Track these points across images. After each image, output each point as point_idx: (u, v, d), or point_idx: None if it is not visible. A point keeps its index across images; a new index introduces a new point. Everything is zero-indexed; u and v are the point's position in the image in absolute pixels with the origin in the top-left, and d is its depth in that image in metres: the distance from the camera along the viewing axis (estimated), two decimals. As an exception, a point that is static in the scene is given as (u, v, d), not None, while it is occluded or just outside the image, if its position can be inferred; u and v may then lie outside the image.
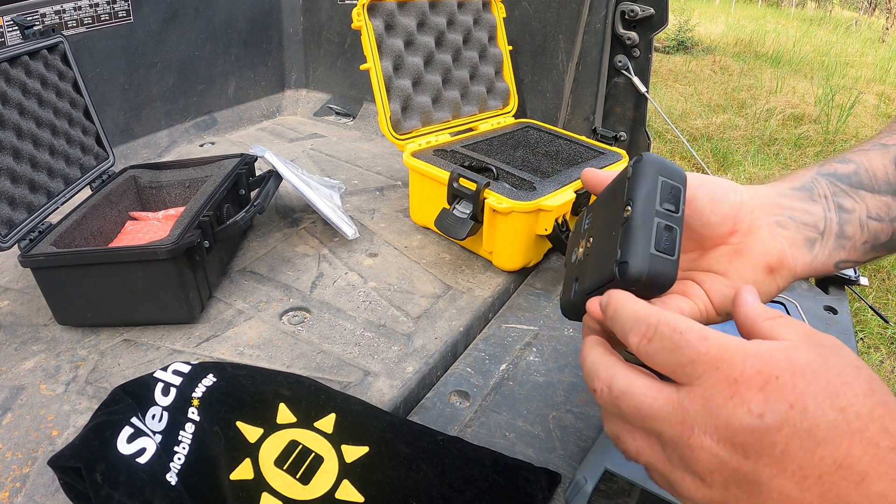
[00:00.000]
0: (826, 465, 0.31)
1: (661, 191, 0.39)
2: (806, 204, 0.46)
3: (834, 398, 0.31)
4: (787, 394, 0.32)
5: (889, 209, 0.46)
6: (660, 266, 0.37)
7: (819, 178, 0.47)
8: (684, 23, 6.67)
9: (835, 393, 0.32)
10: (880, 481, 0.30)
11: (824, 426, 0.31)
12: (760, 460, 0.32)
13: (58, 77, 0.79)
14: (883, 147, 0.48)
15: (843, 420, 0.31)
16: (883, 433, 0.31)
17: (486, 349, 0.70)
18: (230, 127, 1.40)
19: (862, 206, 0.46)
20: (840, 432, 0.31)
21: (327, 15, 1.46)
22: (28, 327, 0.70)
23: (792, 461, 0.31)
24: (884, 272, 2.52)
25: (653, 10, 1.07)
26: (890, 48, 7.29)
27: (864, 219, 0.46)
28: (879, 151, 0.48)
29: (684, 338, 0.34)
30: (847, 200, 0.46)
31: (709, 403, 0.33)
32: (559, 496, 0.52)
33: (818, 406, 0.31)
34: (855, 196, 0.46)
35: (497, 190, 0.80)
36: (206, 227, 0.71)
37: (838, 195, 0.46)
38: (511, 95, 1.12)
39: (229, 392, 0.53)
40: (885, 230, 0.47)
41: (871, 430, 0.31)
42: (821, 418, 0.31)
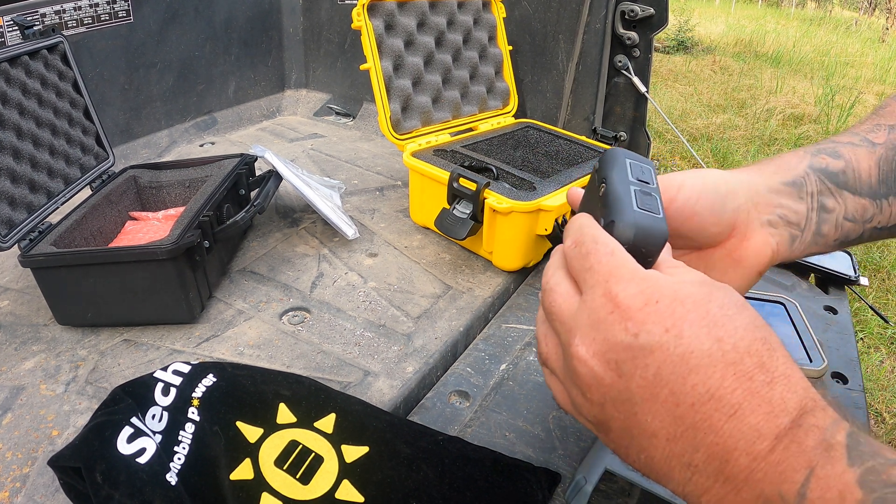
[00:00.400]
0: (698, 393, 0.31)
1: (630, 168, 0.40)
2: (793, 201, 0.47)
3: (711, 328, 0.31)
4: (665, 317, 0.32)
5: (865, 211, 0.48)
6: (647, 220, 0.37)
7: (810, 172, 0.48)
8: (684, 23, 6.67)
9: (713, 323, 0.31)
10: (754, 414, 0.30)
11: (698, 353, 0.31)
12: (633, 380, 0.32)
13: (58, 77, 0.79)
14: (871, 145, 0.49)
15: (718, 349, 0.31)
16: (759, 368, 0.30)
17: (486, 349, 0.70)
18: (230, 127, 1.40)
19: (841, 208, 0.48)
20: (713, 361, 0.31)
21: (327, 15, 1.46)
22: (28, 327, 0.70)
23: (664, 385, 0.31)
24: (884, 272, 2.52)
25: (653, 10, 1.07)
26: (890, 48, 7.29)
27: (841, 220, 0.48)
28: (867, 150, 0.49)
29: (595, 247, 0.35)
30: (830, 200, 0.47)
31: (592, 315, 0.34)
32: (559, 496, 0.52)
33: (694, 333, 0.31)
34: (838, 197, 0.48)
35: (497, 190, 0.80)
36: (206, 227, 0.71)
37: (823, 194, 0.47)
38: (511, 95, 1.12)
39: (229, 392, 0.53)
40: (857, 230, 0.49)
41: (746, 363, 0.31)
42: (695, 345, 0.31)
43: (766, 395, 0.30)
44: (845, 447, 0.28)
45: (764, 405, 0.30)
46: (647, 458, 0.33)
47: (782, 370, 0.31)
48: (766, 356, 0.31)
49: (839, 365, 0.70)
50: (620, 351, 0.32)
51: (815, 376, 0.63)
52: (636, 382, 0.32)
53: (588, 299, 0.34)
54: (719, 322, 0.31)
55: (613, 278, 0.34)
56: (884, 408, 1.83)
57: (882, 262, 2.59)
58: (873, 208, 0.48)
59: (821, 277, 0.90)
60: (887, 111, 0.52)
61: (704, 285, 0.34)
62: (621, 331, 0.32)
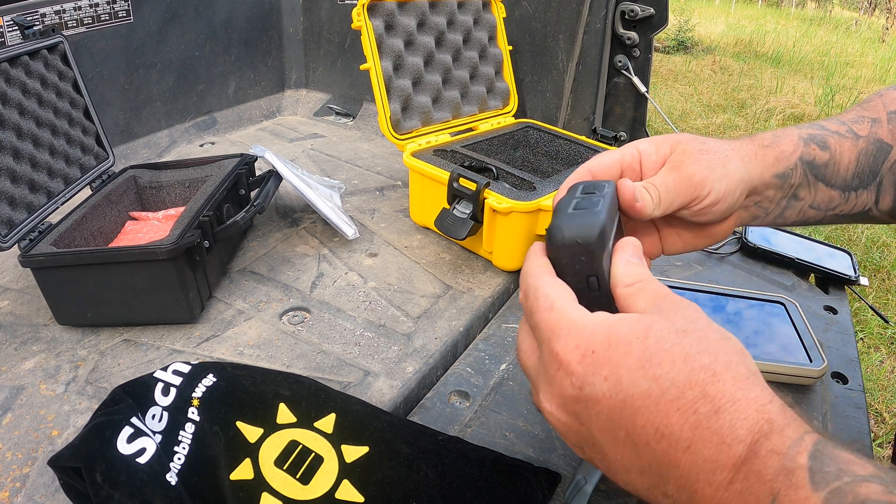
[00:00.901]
0: (649, 433, 0.31)
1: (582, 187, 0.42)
2: (774, 192, 0.50)
3: (647, 368, 0.32)
4: (602, 366, 0.33)
5: (831, 201, 0.51)
6: (577, 218, 0.38)
7: (798, 164, 0.50)
8: (684, 23, 6.67)
9: (649, 362, 0.32)
10: (706, 447, 0.30)
11: (638, 396, 0.32)
12: (593, 426, 0.34)
13: (58, 77, 0.79)
14: (855, 137, 0.51)
15: (656, 388, 0.31)
16: (702, 398, 0.31)
17: (486, 349, 0.70)
18: (230, 127, 1.40)
19: (810, 198, 0.51)
20: (654, 400, 0.31)
21: (327, 15, 1.46)
22: (28, 327, 0.70)
23: (619, 429, 0.33)
24: (884, 272, 2.53)
25: (653, 10, 1.07)
26: (890, 48, 7.29)
27: (806, 208, 0.51)
28: (851, 143, 0.51)
29: (537, 303, 0.37)
30: (803, 192, 0.50)
31: (546, 372, 0.36)
32: (559, 496, 0.52)
33: (631, 377, 0.32)
34: (812, 189, 0.50)
35: (497, 190, 0.80)
36: (206, 227, 0.71)
37: (801, 186, 0.50)
38: (511, 95, 1.12)
39: (229, 392, 0.53)
40: (817, 216, 0.52)
41: (688, 396, 0.31)
42: (634, 389, 0.32)
43: (713, 426, 0.30)
44: (807, 470, 0.28)
45: (713, 437, 0.30)
46: (632, 488, 0.34)
47: (729, 395, 0.31)
48: (709, 384, 0.31)
49: (839, 365, 0.70)
50: (573, 403, 0.34)
51: (814, 376, 0.64)
52: (596, 428, 0.34)
53: (541, 356, 0.36)
54: (655, 359, 0.32)
55: (554, 335, 0.35)
56: (884, 408, 1.83)
57: (882, 262, 2.59)
58: (840, 199, 0.51)
59: (821, 277, 0.90)
60: (871, 105, 0.54)
61: (642, 320, 0.34)
62: (569, 386, 0.34)
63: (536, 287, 0.37)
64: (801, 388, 0.65)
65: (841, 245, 0.96)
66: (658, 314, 0.34)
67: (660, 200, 0.45)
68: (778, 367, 0.63)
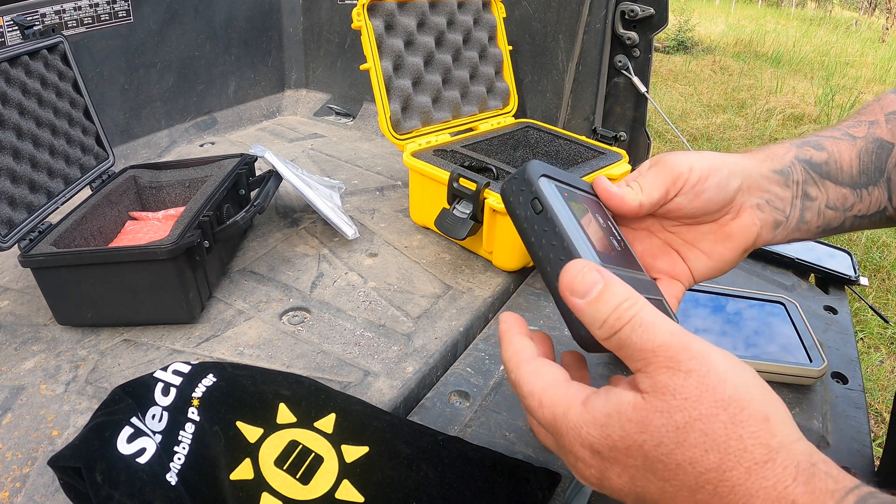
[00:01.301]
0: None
1: None
2: (780, 188, 0.49)
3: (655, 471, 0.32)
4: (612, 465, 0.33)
5: (845, 200, 0.50)
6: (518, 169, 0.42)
7: (796, 162, 0.50)
8: (684, 23, 6.67)
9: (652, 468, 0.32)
10: None
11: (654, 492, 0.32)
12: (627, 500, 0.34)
13: (58, 77, 0.79)
14: (851, 139, 0.51)
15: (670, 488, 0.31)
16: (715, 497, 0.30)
17: (486, 349, 0.70)
18: (230, 127, 1.40)
19: (824, 196, 0.50)
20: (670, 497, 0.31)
21: (327, 15, 1.46)
22: (28, 327, 0.70)
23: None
24: (884, 272, 2.52)
25: (653, 10, 1.07)
26: (890, 48, 7.29)
27: (823, 208, 0.50)
28: (848, 143, 0.51)
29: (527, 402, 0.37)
30: (813, 189, 0.50)
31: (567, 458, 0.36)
32: (559, 496, 0.52)
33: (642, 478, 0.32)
34: (821, 186, 0.50)
35: (497, 190, 0.80)
36: (206, 227, 0.71)
37: (807, 183, 0.49)
38: (511, 95, 1.12)
39: (229, 392, 0.53)
40: (838, 218, 0.51)
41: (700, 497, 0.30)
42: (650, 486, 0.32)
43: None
44: None
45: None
46: None
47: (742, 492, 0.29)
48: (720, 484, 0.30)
49: (839, 365, 0.70)
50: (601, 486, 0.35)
51: (814, 376, 0.64)
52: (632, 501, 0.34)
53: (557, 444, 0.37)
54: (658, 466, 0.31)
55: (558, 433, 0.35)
56: (884, 408, 1.83)
57: (882, 262, 2.59)
58: (853, 197, 0.50)
59: (821, 277, 0.90)
60: (867, 110, 0.54)
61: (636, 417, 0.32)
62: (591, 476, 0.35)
63: (519, 383, 0.38)
64: (801, 388, 0.65)
65: (841, 245, 0.96)
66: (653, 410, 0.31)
67: (640, 188, 0.45)
68: (778, 367, 0.63)
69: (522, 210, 0.41)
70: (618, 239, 0.45)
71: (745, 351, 0.66)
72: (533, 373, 0.37)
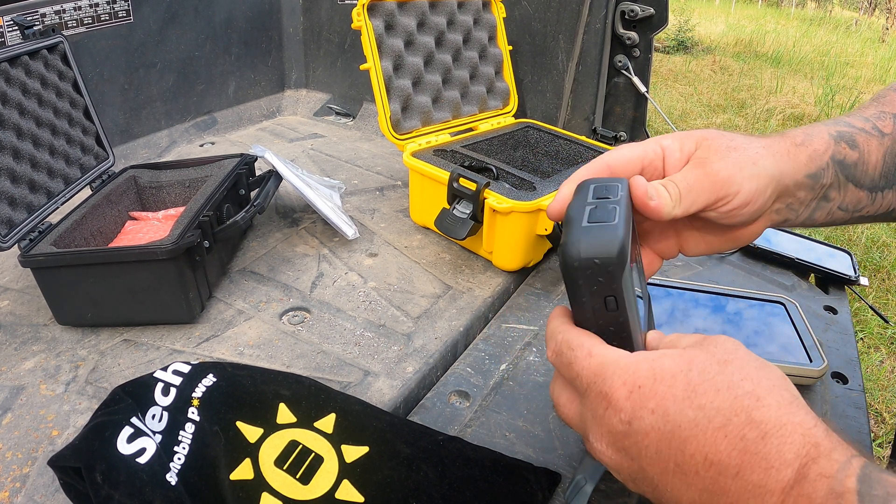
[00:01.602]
0: (698, 461, 0.32)
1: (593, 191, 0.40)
2: (806, 192, 0.48)
3: (692, 398, 0.33)
4: (648, 400, 0.34)
5: (859, 202, 0.50)
6: (595, 233, 0.36)
7: (830, 164, 0.48)
8: (684, 23, 6.67)
9: (693, 392, 0.33)
10: (754, 472, 0.30)
11: (685, 426, 0.33)
12: (643, 460, 0.35)
13: (58, 77, 0.79)
14: (880, 136, 0.50)
15: (703, 417, 0.32)
16: (748, 424, 0.31)
17: (486, 349, 0.70)
18: (230, 127, 1.40)
19: (840, 199, 0.49)
20: (702, 429, 0.32)
21: (327, 15, 1.46)
22: (28, 327, 0.70)
23: (668, 460, 0.33)
24: (884, 272, 2.52)
25: (653, 10, 1.07)
26: (890, 48, 7.29)
27: (835, 209, 0.50)
28: (878, 141, 0.49)
29: (574, 354, 0.38)
30: (834, 192, 0.49)
31: (594, 414, 0.37)
32: (559, 496, 0.52)
33: (677, 407, 0.33)
34: (842, 190, 0.49)
35: (497, 190, 0.80)
36: (206, 227, 0.71)
37: (832, 186, 0.48)
38: (511, 95, 1.12)
39: (229, 392, 0.53)
40: (844, 217, 0.51)
41: (734, 422, 0.31)
42: (680, 418, 0.33)
43: (761, 451, 0.31)
44: (856, 493, 0.28)
45: (762, 462, 0.30)
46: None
47: (774, 420, 0.31)
48: (754, 410, 0.32)
49: (839, 365, 0.70)
50: (623, 439, 0.35)
51: (814, 376, 0.63)
52: (645, 462, 0.35)
53: (586, 402, 0.38)
54: (699, 389, 0.33)
55: (599, 377, 0.36)
56: (884, 408, 1.83)
57: (882, 262, 2.59)
58: (867, 200, 0.50)
59: (821, 277, 0.90)
60: (888, 100, 0.52)
61: (684, 354, 0.35)
62: (617, 422, 0.35)
63: (568, 340, 0.39)
64: (801, 388, 0.65)
65: (841, 245, 0.96)
66: (698, 348, 0.36)
67: (679, 199, 0.42)
68: (778, 367, 0.63)
69: (590, 300, 0.37)
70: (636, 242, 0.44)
71: (745, 351, 0.66)
72: (585, 333, 0.39)
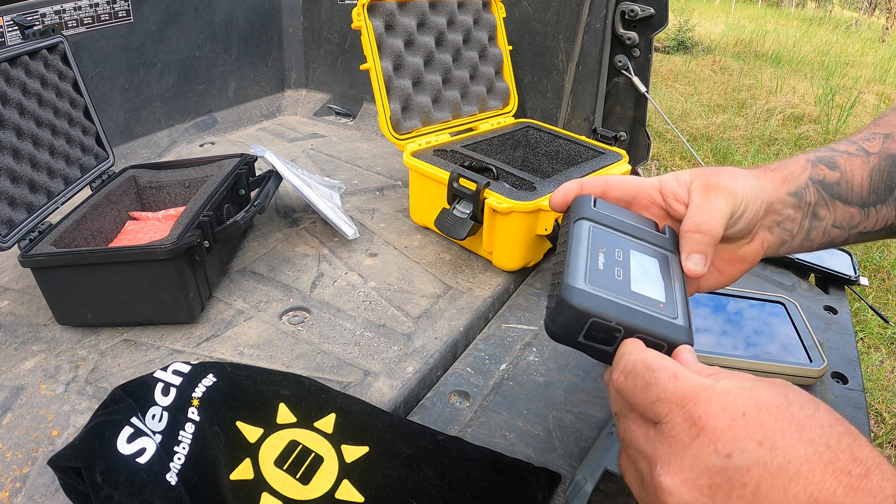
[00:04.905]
0: (801, 500, 0.30)
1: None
2: (793, 211, 0.50)
3: (801, 431, 0.31)
4: (755, 431, 0.31)
5: (852, 219, 0.51)
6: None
7: (810, 184, 0.50)
8: (684, 23, 6.67)
9: (801, 426, 0.31)
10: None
11: (796, 461, 0.30)
12: (730, 502, 0.31)
13: (58, 77, 0.79)
14: (865, 154, 0.51)
15: (814, 453, 0.30)
16: (853, 461, 0.30)
17: (486, 349, 0.70)
18: (230, 127, 1.40)
19: (832, 216, 0.51)
20: (812, 466, 0.30)
21: (327, 15, 1.46)
22: (28, 327, 0.70)
23: (765, 500, 0.30)
24: (884, 272, 2.52)
25: (653, 10, 1.07)
26: (890, 48, 7.29)
27: (829, 227, 0.51)
28: (862, 160, 0.51)
29: (655, 375, 0.35)
30: (822, 210, 0.50)
31: (674, 442, 0.33)
32: (559, 496, 0.52)
33: (787, 441, 0.31)
34: (830, 207, 0.50)
35: (497, 190, 0.80)
36: (206, 227, 0.71)
37: (818, 204, 0.50)
38: (511, 95, 1.12)
39: (229, 392, 0.53)
40: (842, 236, 0.52)
41: (841, 459, 0.30)
42: (791, 454, 0.30)
43: (865, 486, 0.30)
44: None
45: (866, 497, 0.29)
46: None
47: (872, 459, 0.31)
48: (855, 448, 0.31)
49: (839, 365, 0.70)
50: (714, 475, 0.31)
51: (814, 376, 0.63)
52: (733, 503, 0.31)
53: (666, 429, 0.34)
54: (806, 424, 0.31)
55: (691, 401, 0.33)
56: (884, 408, 1.83)
57: (882, 262, 2.59)
58: (860, 216, 0.51)
59: (821, 277, 0.90)
60: (884, 121, 0.54)
61: (775, 388, 0.33)
62: (712, 454, 0.31)
63: (646, 361, 0.36)
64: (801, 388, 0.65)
65: (841, 245, 0.96)
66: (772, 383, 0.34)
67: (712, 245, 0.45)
68: (778, 367, 0.63)
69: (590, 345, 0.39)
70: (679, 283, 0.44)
71: (746, 351, 0.66)
72: (662, 356, 0.37)
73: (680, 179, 0.47)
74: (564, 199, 0.48)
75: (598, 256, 0.41)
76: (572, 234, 0.42)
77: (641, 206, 0.49)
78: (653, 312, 0.38)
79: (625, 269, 0.41)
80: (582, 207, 0.45)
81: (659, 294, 0.40)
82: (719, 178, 0.46)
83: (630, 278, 0.40)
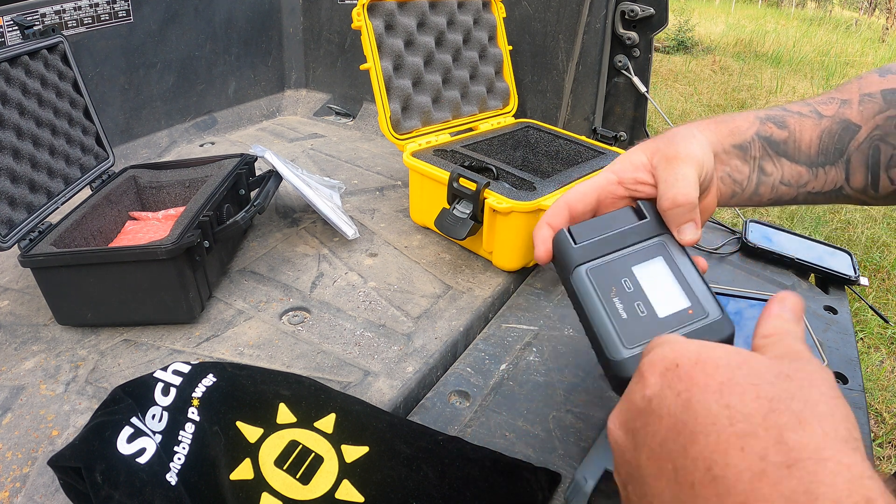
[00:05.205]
0: (699, 469, 0.26)
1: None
2: (739, 162, 0.51)
3: (724, 393, 0.27)
4: (679, 381, 0.29)
5: (800, 178, 0.52)
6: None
7: (756, 139, 0.52)
8: (684, 23, 6.67)
9: (729, 390, 0.27)
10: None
11: (701, 418, 0.27)
12: (643, 452, 0.30)
13: (58, 77, 0.79)
14: (818, 117, 0.52)
15: (724, 417, 0.26)
16: (777, 445, 0.25)
17: (486, 349, 0.70)
18: (230, 127, 1.40)
19: (779, 173, 0.52)
20: (718, 428, 0.26)
21: (327, 15, 1.46)
22: (28, 327, 0.70)
23: (668, 458, 0.28)
24: (884, 272, 2.52)
25: (653, 10, 1.07)
26: (890, 48, 7.29)
27: (777, 183, 0.52)
28: (813, 122, 0.52)
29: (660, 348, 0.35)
30: (769, 165, 0.52)
31: (627, 390, 0.33)
32: (559, 496, 0.52)
33: (703, 398, 0.28)
34: (777, 163, 0.52)
35: (497, 190, 0.80)
36: (206, 227, 0.71)
37: (764, 159, 0.52)
38: (511, 95, 1.12)
39: (229, 392, 0.53)
40: (790, 193, 0.53)
41: (759, 437, 0.25)
42: (700, 408, 0.27)
43: (781, 483, 0.23)
44: None
45: (778, 498, 0.23)
46: None
47: (811, 449, 0.24)
48: (788, 430, 0.25)
49: (839, 365, 0.70)
50: (636, 417, 0.31)
51: (815, 376, 0.63)
52: (645, 454, 0.29)
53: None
54: (737, 389, 0.27)
55: (651, 353, 0.33)
56: (884, 408, 1.83)
57: (882, 262, 2.59)
58: (808, 175, 0.52)
59: (821, 277, 0.90)
60: (845, 87, 0.55)
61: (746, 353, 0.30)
62: (640, 398, 0.31)
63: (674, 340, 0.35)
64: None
65: (841, 245, 0.96)
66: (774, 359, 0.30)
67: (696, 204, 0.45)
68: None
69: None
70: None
71: (745, 351, 0.66)
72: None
73: (636, 163, 0.48)
74: (547, 250, 0.47)
75: (615, 304, 0.40)
76: (578, 292, 0.42)
77: (607, 205, 0.49)
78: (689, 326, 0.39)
79: (642, 299, 0.40)
80: (566, 252, 0.44)
81: (682, 301, 0.40)
82: (676, 146, 0.46)
83: (651, 305, 0.40)
